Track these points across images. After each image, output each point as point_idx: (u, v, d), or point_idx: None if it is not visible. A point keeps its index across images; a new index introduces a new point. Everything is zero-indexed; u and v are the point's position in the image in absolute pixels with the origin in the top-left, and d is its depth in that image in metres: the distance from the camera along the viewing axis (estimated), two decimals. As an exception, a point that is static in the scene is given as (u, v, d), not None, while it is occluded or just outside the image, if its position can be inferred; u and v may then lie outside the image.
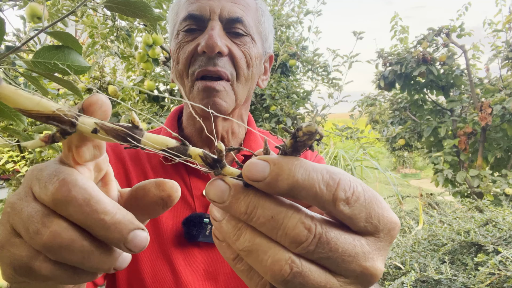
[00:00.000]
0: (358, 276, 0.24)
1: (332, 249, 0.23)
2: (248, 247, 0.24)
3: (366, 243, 0.24)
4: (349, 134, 2.81)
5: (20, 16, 1.20)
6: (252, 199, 0.23)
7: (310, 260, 0.23)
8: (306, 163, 0.23)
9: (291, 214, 0.23)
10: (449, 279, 1.41)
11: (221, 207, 0.24)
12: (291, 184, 0.22)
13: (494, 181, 3.08)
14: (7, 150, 2.96)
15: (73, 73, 0.50)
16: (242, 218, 0.24)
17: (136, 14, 0.53)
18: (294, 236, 0.22)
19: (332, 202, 0.22)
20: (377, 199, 0.24)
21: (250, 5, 0.68)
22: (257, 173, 0.23)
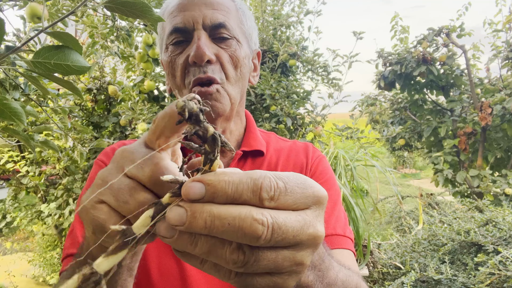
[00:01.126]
0: (306, 242, 0.29)
1: (284, 231, 0.27)
2: (206, 248, 0.28)
3: (305, 215, 0.29)
4: (349, 134, 2.81)
5: (20, 16, 1.20)
6: (207, 214, 0.26)
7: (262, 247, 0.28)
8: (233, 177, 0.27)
9: (243, 215, 0.26)
10: (449, 279, 1.41)
11: (183, 228, 0.27)
12: (226, 198, 0.27)
13: (494, 181, 3.08)
14: (7, 150, 2.96)
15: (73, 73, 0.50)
16: (204, 232, 0.27)
17: (136, 14, 0.53)
18: (251, 233, 0.26)
19: (260, 202, 0.27)
20: (298, 182, 0.29)
21: (230, 8, 0.70)
22: (195, 194, 0.27)
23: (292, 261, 0.29)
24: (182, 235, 0.28)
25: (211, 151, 0.28)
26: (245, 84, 0.75)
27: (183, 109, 0.26)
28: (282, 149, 0.80)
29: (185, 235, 0.28)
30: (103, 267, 0.27)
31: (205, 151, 0.28)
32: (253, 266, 0.28)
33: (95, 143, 1.32)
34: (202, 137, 0.27)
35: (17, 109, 0.58)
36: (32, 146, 0.77)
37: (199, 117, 0.26)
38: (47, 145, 0.92)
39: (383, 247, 2.29)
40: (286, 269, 0.29)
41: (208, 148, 0.28)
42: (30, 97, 1.12)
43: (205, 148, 0.28)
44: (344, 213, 0.74)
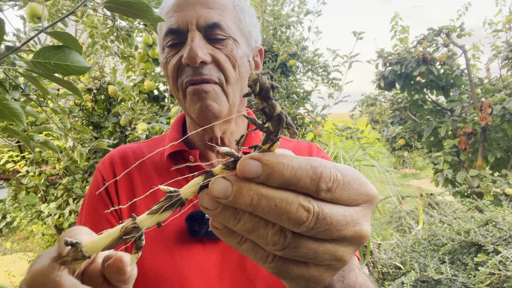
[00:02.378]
0: (350, 239, 0.28)
1: (328, 222, 0.26)
2: (250, 226, 0.27)
3: (354, 212, 0.28)
4: (349, 134, 2.81)
5: (20, 16, 1.20)
6: (255, 191, 0.26)
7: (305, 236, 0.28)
8: (292, 161, 0.26)
9: (291, 199, 0.26)
10: (449, 279, 1.41)
11: (226, 202, 0.27)
12: (281, 181, 0.26)
13: (494, 181, 3.08)
14: (7, 150, 2.96)
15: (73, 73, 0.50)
16: (248, 209, 0.27)
17: (136, 14, 0.53)
18: (296, 218, 0.26)
19: (316, 192, 0.27)
20: (355, 178, 0.28)
21: (226, 7, 0.68)
22: (251, 172, 0.26)
23: (333, 255, 0.28)
24: (226, 209, 0.27)
25: (274, 131, 0.27)
26: (245, 84, 0.73)
27: (254, 83, 0.25)
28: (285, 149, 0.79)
29: (229, 210, 0.27)
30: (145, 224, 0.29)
31: (267, 129, 0.27)
32: (293, 251, 0.28)
33: (95, 143, 1.32)
34: (267, 114, 0.26)
35: (17, 110, 0.58)
36: (31, 146, 0.77)
37: (269, 93, 0.25)
38: (46, 146, 0.92)
39: (383, 247, 2.29)
40: (325, 262, 0.29)
41: (271, 127, 0.26)
42: (30, 97, 1.12)
43: (268, 126, 0.27)
44: None
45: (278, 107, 0.26)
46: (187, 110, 0.69)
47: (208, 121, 0.67)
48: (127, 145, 0.80)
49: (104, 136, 2.58)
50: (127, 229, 0.28)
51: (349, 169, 0.29)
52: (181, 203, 0.29)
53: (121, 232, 0.28)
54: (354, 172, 0.29)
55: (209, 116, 0.66)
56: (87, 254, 0.29)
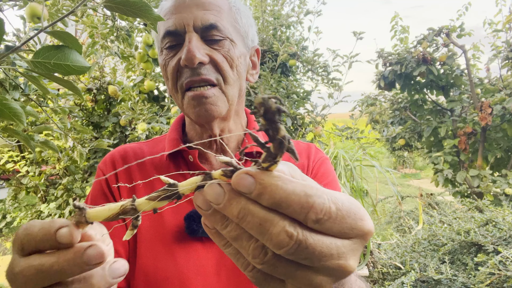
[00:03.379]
0: (331, 270, 0.28)
1: (310, 252, 0.26)
2: (234, 235, 0.28)
3: (342, 245, 0.27)
4: (349, 134, 2.81)
5: (20, 16, 1.20)
6: (243, 205, 0.27)
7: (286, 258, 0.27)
8: (287, 185, 0.26)
9: (276, 222, 0.26)
10: (449, 279, 1.41)
11: (216, 207, 0.28)
12: (271, 202, 0.26)
13: (494, 181, 3.08)
14: (7, 150, 2.96)
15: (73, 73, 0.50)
16: (234, 220, 0.27)
17: (136, 14, 0.53)
18: (277, 241, 0.26)
19: (304, 220, 0.26)
20: (351, 212, 0.27)
21: (222, 7, 0.69)
22: (244, 187, 0.26)
23: (310, 281, 0.28)
24: (217, 213, 0.28)
25: (275, 153, 0.27)
26: (243, 84, 0.74)
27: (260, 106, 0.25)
28: None
29: (219, 214, 0.28)
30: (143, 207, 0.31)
31: (268, 149, 0.27)
32: (271, 268, 0.28)
33: (95, 143, 1.32)
34: (270, 136, 0.26)
35: (16, 110, 0.58)
36: (32, 146, 0.77)
37: (275, 116, 0.25)
38: (47, 146, 0.92)
39: (383, 247, 2.29)
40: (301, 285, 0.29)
41: (272, 149, 0.27)
42: (30, 97, 1.12)
43: (269, 147, 0.27)
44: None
45: (282, 131, 0.26)
46: (185, 112, 0.70)
47: (208, 122, 0.68)
48: (127, 144, 0.81)
49: (104, 136, 2.58)
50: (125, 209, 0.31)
51: (348, 201, 0.28)
52: (177, 196, 0.30)
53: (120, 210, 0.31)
54: (351, 205, 0.28)
55: (209, 118, 0.67)
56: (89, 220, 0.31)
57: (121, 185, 0.70)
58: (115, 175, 0.73)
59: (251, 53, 0.78)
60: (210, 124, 0.70)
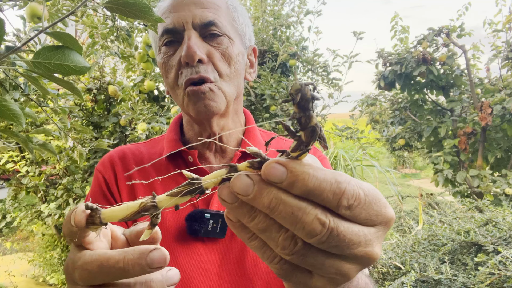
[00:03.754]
0: (359, 258, 0.28)
1: (341, 239, 0.27)
2: (263, 227, 0.28)
3: (368, 233, 0.28)
4: (349, 134, 2.81)
5: (20, 16, 1.20)
6: (275, 195, 0.26)
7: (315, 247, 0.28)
8: (318, 173, 0.26)
9: (308, 210, 0.26)
10: (449, 279, 1.41)
11: (245, 199, 0.27)
12: (304, 190, 0.26)
13: (494, 181, 3.08)
14: (7, 150, 2.96)
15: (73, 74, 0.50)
16: (264, 211, 0.27)
17: (136, 15, 0.53)
18: (310, 230, 0.26)
19: (336, 207, 0.27)
20: (376, 199, 0.28)
21: (220, 6, 0.70)
22: (276, 177, 0.26)
23: (338, 270, 0.29)
24: (244, 205, 0.28)
25: (306, 141, 0.27)
26: (241, 81, 0.75)
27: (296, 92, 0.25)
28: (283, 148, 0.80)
29: (246, 207, 0.28)
30: (164, 204, 0.30)
31: (299, 138, 0.27)
32: (300, 259, 0.28)
33: (95, 143, 1.32)
34: (302, 124, 0.26)
35: (16, 111, 0.58)
36: (30, 148, 0.77)
37: (309, 104, 0.25)
38: (45, 148, 0.92)
39: (383, 247, 2.29)
40: (329, 274, 0.29)
41: (303, 137, 0.26)
42: (30, 97, 1.12)
43: (300, 135, 0.27)
44: None
45: (315, 119, 0.26)
46: (185, 109, 0.70)
47: (207, 118, 0.69)
48: (125, 145, 0.81)
49: (104, 136, 2.58)
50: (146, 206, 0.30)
51: (372, 189, 0.28)
52: (201, 191, 0.29)
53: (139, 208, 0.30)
54: (376, 192, 0.29)
55: (208, 115, 0.67)
56: (104, 221, 0.30)
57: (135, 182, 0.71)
58: (114, 177, 0.73)
59: (248, 52, 0.79)
60: (209, 121, 0.70)
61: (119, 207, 0.30)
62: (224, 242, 0.67)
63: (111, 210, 0.30)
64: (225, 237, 0.67)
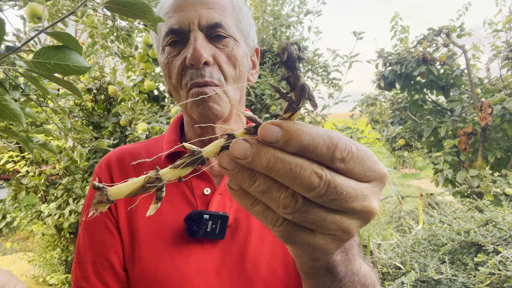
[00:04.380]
0: (358, 212, 0.29)
1: (338, 192, 0.28)
2: (264, 188, 0.29)
3: (364, 187, 0.29)
4: (349, 134, 2.81)
5: (20, 16, 1.19)
6: (272, 154, 0.27)
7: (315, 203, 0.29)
8: (311, 129, 0.28)
9: (305, 165, 0.27)
10: (449, 279, 1.41)
11: (244, 162, 0.28)
12: (299, 147, 0.27)
13: (494, 181, 3.08)
14: (7, 150, 2.96)
15: (73, 73, 0.50)
16: (263, 171, 0.28)
17: (136, 15, 0.53)
18: (308, 183, 0.27)
19: (331, 160, 0.28)
20: (368, 155, 0.30)
21: (226, 7, 0.69)
22: (271, 137, 0.27)
23: (340, 225, 0.30)
24: (244, 170, 0.29)
25: (296, 101, 0.27)
26: (245, 83, 0.74)
27: (283, 51, 0.25)
28: None
29: (246, 171, 0.29)
30: (167, 176, 0.31)
31: (290, 99, 0.28)
32: (302, 216, 0.29)
33: (95, 143, 1.32)
34: (292, 84, 0.27)
35: (16, 110, 0.58)
36: (30, 148, 0.77)
37: (296, 63, 0.26)
38: (45, 148, 0.91)
39: (383, 247, 2.29)
40: (331, 231, 0.30)
41: (294, 97, 0.27)
42: (30, 97, 1.12)
43: (291, 96, 0.28)
44: None
45: (302, 78, 0.27)
46: (188, 111, 0.70)
47: (210, 122, 0.68)
48: (124, 146, 0.81)
49: (104, 136, 2.58)
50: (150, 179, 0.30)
51: (363, 146, 0.30)
52: (201, 161, 0.30)
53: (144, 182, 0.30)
54: (367, 149, 0.30)
55: (212, 118, 0.67)
56: (111, 198, 0.31)
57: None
58: (110, 179, 0.73)
59: (251, 53, 0.78)
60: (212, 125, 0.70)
61: (125, 184, 0.31)
62: (223, 243, 0.67)
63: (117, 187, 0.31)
64: (224, 238, 0.66)
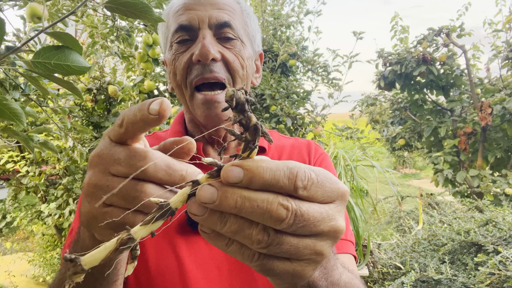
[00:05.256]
0: (327, 233, 0.31)
1: (306, 219, 0.29)
2: (236, 228, 0.30)
3: (329, 208, 0.31)
4: (349, 134, 2.81)
5: (20, 16, 1.20)
6: (238, 194, 0.28)
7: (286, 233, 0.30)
8: (270, 164, 0.29)
9: (271, 199, 0.28)
10: (449, 279, 1.41)
11: (212, 206, 0.29)
12: (262, 183, 0.28)
13: (494, 181, 3.08)
14: (7, 150, 2.96)
15: (73, 74, 0.50)
16: (232, 212, 0.29)
17: (136, 15, 0.53)
18: (277, 216, 0.28)
19: (294, 190, 0.29)
20: (328, 178, 0.31)
21: (235, 9, 0.71)
22: (234, 178, 0.28)
23: (312, 249, 0.31)
24: (213, 213, 0.30)
25: (252, 140, 0.29)
26: (249, 85, 0.76)
27: (231, 98, 0.27)
28: (284, 146, 0.81)
29: (216, 214, 0.30)
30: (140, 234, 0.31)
31: (245, 139, 0.29)
32: (276, 248, 0.30)
33: (95, 143, 1.32)
34: (244, 125, 0.28)
35: (17, 110, 0.58)
36: (31, 147, 0.77)
37: (245, 107, 0.28)
38: (46, 146, 0.92)
39: (383, 247, 2.29)
40: (306, 256, 0.31)
41: (248, 137, 0.29)
42: (30, 97, 1.12)
43: (246, 136, 0.29)
44: (345, 214, 0.74)
45: (254, 118, 0.28)
46: (190, 110, 0.71)
47: (214, 126, 0.69)
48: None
49: (104, 136, 2.58)
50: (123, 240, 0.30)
51: (321, 170, 0.31)
52: (171, 212, 0.30)
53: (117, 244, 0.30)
54: (326, 172, 0.31)
55: (218, 123, 0.68)
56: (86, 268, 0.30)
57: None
58: None
59: (256, 57, 0.80)
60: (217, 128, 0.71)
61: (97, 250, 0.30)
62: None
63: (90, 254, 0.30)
64: None
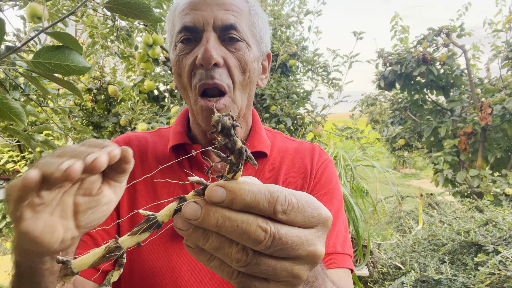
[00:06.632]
0: (304, 257, 0.31)
1: (283, 242, 0.30)
2: (216, 245, 0.31)
3: (308, 233, 0.31)
4: (349, 134, 2.81)
5: (20, 16, 1.20)
6: (220, 213, 0.30)
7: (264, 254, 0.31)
8: (253, 187, 0.30)
9: (251, 221, 0.29)
10: (449, 279, 1.41)
11: (196, 223, 0.30)
12: (243, 205, 0.29)
13: (494, 181, 3.08)
14: (7, 150, 2.96)
15: (73, 74, 0.50)
16: (214, 229, 0.30)
17: (136, 15, 0.53)
18: (255, 237, 0.29)
19: (273, 213, 0.30)
20: (309, 203, 0.31)
21: (242, 10, 0.69)
22: (217, 197, 0.30)
23: (290, 272, 0.31)
24: (197, 229, 0.31)
25: (236, 163, 0.30)
26: (253, 88, 0.74)
27: (217, 123, 0.29)
28: (287, 150, 0.79)
29: (199, 230, 0.31)
30: (127, 244, 0.32)
31: (230, 161, 0.31)
32: (254, 268, 0.31)
33: (95, 143, 1.32)
34: (230, 149, 0.30)
35: (17, 109, 0.58)
36: (32, 146, 0.77)
37: (230, 131, 0.29)
38: (47, 145, 0.92)
39: (383, 247, 2.29)
40: (283, 278, 0.32)
41: (233, 160, 0.30)
42: (30, 97, 1.12)
43: (231, 159, 0.30)
44: (345, 224, 0.73)
45: (239, 143, 0.30)
46: (194, 113, 0.70)
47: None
48: (132, 132, 0.82)
49: (104, 136, 2.58)
50: (110, 248, 0.32)
51: (304, 195, 0.32)
52: (157, 225, 0.32)
53: (104, 251, 0.32)
54: (308, 197, 0.32)
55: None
56: (75, 271, 0.32)
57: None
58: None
59: (263, 58, 0.78)
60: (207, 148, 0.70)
61: (86, 255, 0.32)
62: None
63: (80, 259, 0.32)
64: None
